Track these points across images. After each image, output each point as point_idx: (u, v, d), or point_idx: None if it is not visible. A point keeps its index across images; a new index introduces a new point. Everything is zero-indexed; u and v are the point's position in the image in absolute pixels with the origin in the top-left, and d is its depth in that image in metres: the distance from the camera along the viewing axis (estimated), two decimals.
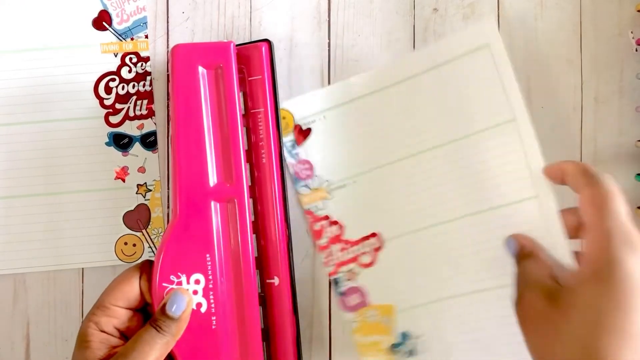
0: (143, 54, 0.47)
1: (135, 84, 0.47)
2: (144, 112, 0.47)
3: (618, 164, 0.48)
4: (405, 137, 0.45)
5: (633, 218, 0.35)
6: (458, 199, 0.44)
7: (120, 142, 0.47)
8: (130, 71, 0.47)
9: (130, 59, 0.47)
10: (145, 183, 0.47)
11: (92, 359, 0.36)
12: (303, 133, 0.46)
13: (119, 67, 0.47)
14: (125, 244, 0.47)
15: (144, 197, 0.47)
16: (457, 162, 0.44)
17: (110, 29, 0.47)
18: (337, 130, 0.46)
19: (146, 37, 0.47)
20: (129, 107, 0.47)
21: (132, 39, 0.47)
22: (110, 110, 0.47)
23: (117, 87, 0.47)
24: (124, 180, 0.47)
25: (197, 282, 0.39)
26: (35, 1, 0.46)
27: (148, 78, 0.47)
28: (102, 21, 0.47)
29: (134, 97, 0.47)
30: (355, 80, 0.46)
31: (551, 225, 0.40)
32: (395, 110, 0.45)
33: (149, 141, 0.47)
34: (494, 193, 0.43)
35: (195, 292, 0.39)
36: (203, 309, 0.39)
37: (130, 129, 0.47)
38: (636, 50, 0.47)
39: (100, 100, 0.47)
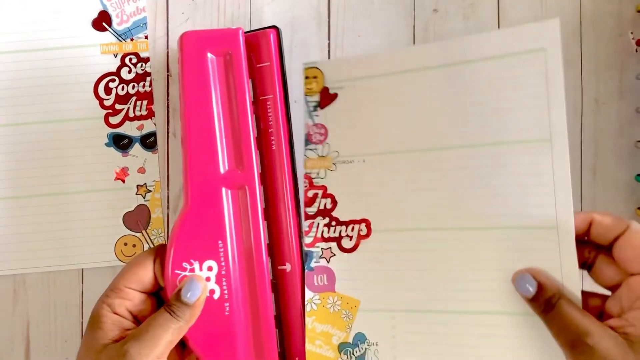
0: (143, 54, 0.47)
1: (135, 84, 0.47)
2: (144, 112, 0.47)
3: (618, 165, 0.48)
4: (428, 127, 0.41)
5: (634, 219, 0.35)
6: (465, 208, 0.40)
7: (120, 142, 0.47)
8: (130, 72, 0.47)
9: (130, 59, 0.47)
10: (145, 184, 0.47)
11: (104, 340, 0.36)
12: (329, 97, 0.43)
13: (119, 68, 0.47)
14: (125, 244, 0.47)
15: (144, 198, 0.47)
16: (473, 169, 0.39)
17: (110, 29, 0.47)
18: (364, 103, 0.42)
19: (146, 37, 0.47)
20: (128, 108, 0.47)
21: (131, 39, 0.47)
22: (110, 110, 0.47)
23: (116, 87, 0.47)
24: (123, 181, 0.47)
25: (209, 269, 0.39)
26: (35, 1, 0.46)
27: (148, 79, 0.47)
28: (101, 22, 0.47)
29: (134, 98, 0.47)
30: (397, 54, 0.42)
31: (566, 260, 0.37)
32: (428, 95, 0.41)
33: (148, 142, 0.47)
34: (508, 212, 0.38)
35: (208, 279, 0.39)
36: (216, 296, 0.39)
37: (130, 129, 0.47)
38: (636, 51, 0.47)
39: (100, 100, 0.47)
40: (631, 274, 0.35)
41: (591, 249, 0.37)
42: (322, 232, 0.43)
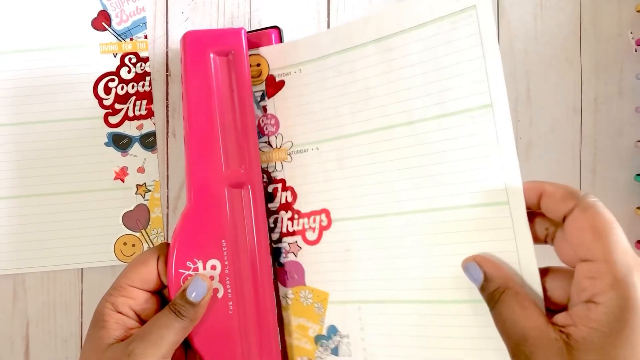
0: (142, 54, 0.47)
1: (135, 84, 0.47)
2: (144, 112, 0.47)
3: (618, 165, 0.48)
4: (374, 106, 0.39)
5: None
6: (416, 190, 0.37)
7: (120, 142, 0.47)
8: (129, 71, 0.47)
9: (130, 59, 0.47)
10: (145, 183, 0.47)
11: (108, 339, 0.36)
12: (275, 85, 0.42)
13: (118, 68, 0.47)
14: (125, 244, 0.47)
15: (143, 198, 0.47)
16: (421, 147, 0.37)
17: (109, 29, 0.47)
18: (311, 88, 0.41)
19: (145, 37, 0.47)
20: (128, 108, 0.47)
21: (131, 39, 0.47)
22: (110, 110, 0.47)
23: (116, 87, 0.47)
24: (123, 181, 0.47)
25: (213, 267, 0.39)
26: (35, 1, 0.46)
27: (147, 78, 0.47)
28: (101, 21, 0.47)
29: (133, 98, 0.47)
30: (336, 32, 0.40)
31: (520, 236, 0.34)
32: (369, 73, 0.39)
33: (148, 141, 0.47)
34: (458, 190, 0.36)
35: (211, 278, 0.39)
36: (220, 295, 0.39)
37: (129, 129, 0.47)
38: (636, 51, 0.47)
39: (100, 100, 0.47)
40: (581, 259, 0.31)
41: (549, 223, 0.34)
42: (287, 226, 0.42)
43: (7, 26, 0.46)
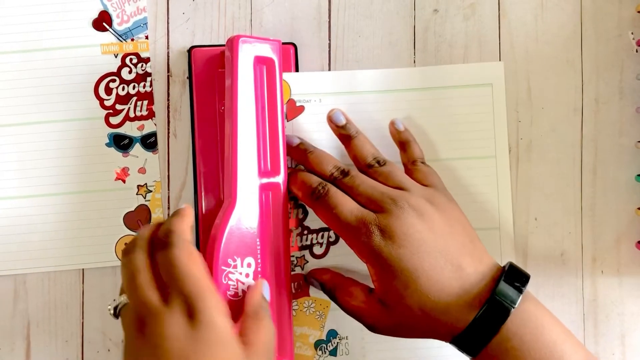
0: (143, 54, 0.47)
1: (136, 84, 0.47)
2: (145, 113, 0.47)
3: (618, 165, 0.48)
4: (389, 144, 0.46)
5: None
6: None
7: (121, 143, 0.47)
8: (130, 72, 0.47)
9: (131, 59, 0.47)
10: (146, 184, 0.47)
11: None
12: (296, 109, 0.46)
13: (119, 68, 0.47)
14: (126, 244, 0.46)
15: (144, 198, 0.47)
16: None
17: (110, 29, 0.47)
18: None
19: (146, 38, 0.47)
20: (129, 108, 0.47)
21: (132, 39, 0.47)
22: (111, 111, 0.47)
23: (117, 88, 0.47)
24: (124, 181, 0.47)
25: (248, 265, 0.39)
26: (35, 1, 0.46)
27: (148, 79, 0.47)
28: (102, 22, 0.47)
29: (134, 98, 0.47)
30: (360, 75, 0.47)
31: (506, 252, 0.47)
32: (388, 115, 0.46)
33: (149, 142, 0.47)
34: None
35: (247, 276, 0.39)
36: None
37: (130, 129, 0.47)
38: (636, 51, 0.47)
39: (101, 101, 0.47)
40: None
41: None
42: (297, 241, 0.46)
43: (8, 26, 0.46)
